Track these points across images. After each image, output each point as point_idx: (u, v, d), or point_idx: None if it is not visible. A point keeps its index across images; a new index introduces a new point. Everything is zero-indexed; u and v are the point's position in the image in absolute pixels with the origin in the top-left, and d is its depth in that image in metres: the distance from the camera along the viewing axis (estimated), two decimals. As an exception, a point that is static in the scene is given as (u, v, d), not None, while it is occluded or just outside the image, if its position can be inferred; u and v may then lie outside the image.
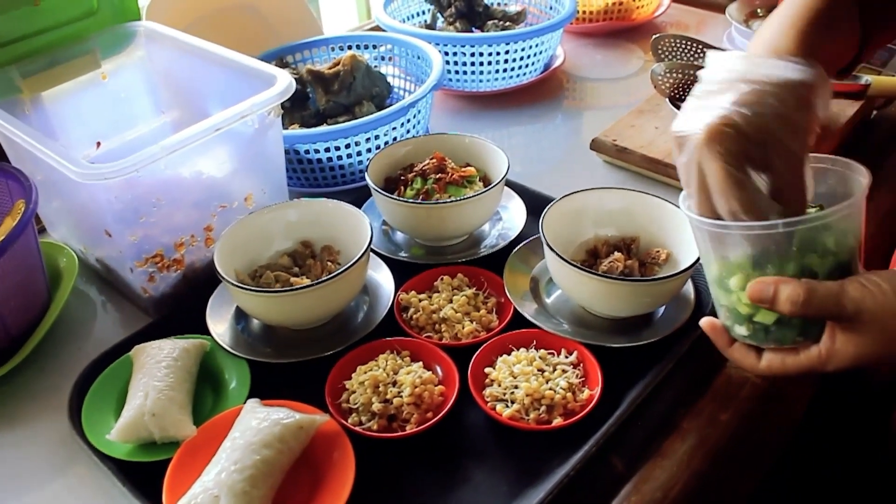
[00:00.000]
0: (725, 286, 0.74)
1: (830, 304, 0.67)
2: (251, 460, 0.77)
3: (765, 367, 0.74)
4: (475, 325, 0.95)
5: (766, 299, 0.69)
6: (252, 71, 1.05)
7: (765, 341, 0.74)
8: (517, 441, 0.85)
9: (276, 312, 0.94)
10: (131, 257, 0.96)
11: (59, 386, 0.95)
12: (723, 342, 0.77)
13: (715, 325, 0.78)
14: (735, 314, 0.75)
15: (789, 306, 0.68)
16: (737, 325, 0.75)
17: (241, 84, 1.07)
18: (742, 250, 0.71)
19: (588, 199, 1.01)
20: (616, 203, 1.01)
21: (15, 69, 1.08)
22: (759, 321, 0.73)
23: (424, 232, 1.08)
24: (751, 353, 0.75)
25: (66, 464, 0.88)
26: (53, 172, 0.92)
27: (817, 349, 0.70)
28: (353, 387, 0.88)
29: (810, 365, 0.71)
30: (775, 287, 0.69)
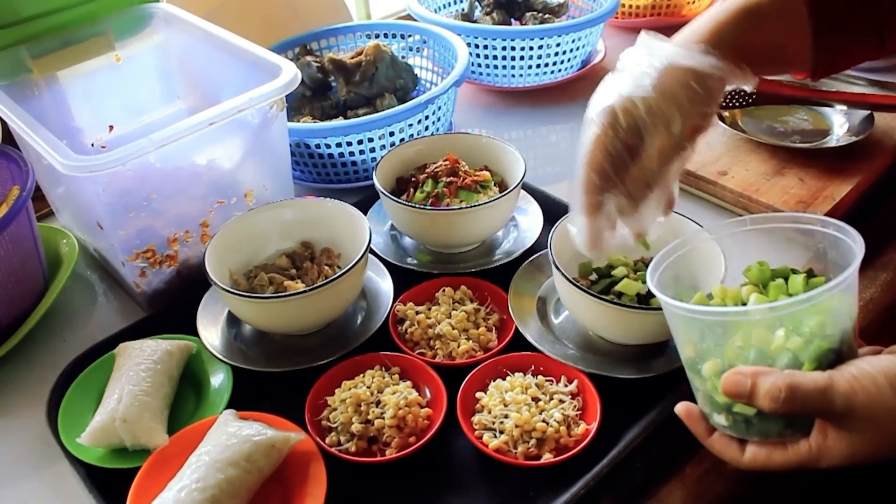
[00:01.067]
0: (699, 371, 0.67)
1: (817, 400, 0.60)
2: (215, 479, 0.73)
3: (749, 462, 0.66)
4: (472, 343, 0.89)
5: (742, 394, 0.62)
6: (261, 61, 1.00)
7: (747, 434, 0.66)
8: (503, 475, 0.79)
9: (266, 318, 0.90)
10: (122, 251, 0.93)
11: (46, 379, 0.93)
12: (701, 431, 0.69)
13: (691, 412, 0.70)
14: (712, 402, 0.67)
15: (769, 403, 0.60)
16: (715, 413, 0.68)
17: (254, 74, 1.02)
18: (714, 336, 0.65)
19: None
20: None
21: (24, 49, 1.06)
22: (740, 412, 0.65)
23: (432, 238, 1.02)
24: (733, 445, 0.67)
25: (42, 462, 0.85)
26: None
27: (807, 445, 0.62)
28: (334, 403, 0.83)
29: (799, 461, 0.63)
30: (753, 380, 0.61)
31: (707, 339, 0.66)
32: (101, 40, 1.11)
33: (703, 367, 0.66)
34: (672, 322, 0.69)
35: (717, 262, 0.81)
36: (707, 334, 0.66)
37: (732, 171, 1.10)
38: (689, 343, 0.67)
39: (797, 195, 1.06)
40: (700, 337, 0.66)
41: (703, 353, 0.66)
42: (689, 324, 0.67)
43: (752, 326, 0.63)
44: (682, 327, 0.68)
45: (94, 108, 1.15)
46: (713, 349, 0.65)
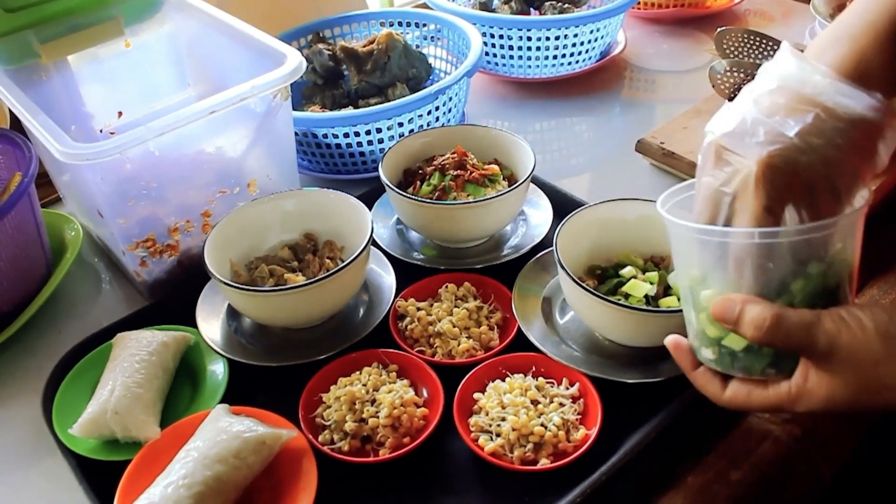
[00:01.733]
0: (696, 302, 0.66)
1: (800, 334, 0.58)
2: (202, 476, 0.72)
3: (728, 398, 0.65)
4: (472, 342, 0.87)
5: (729, 319, 0.61)
6: (268, 49, 0.99)
7: (731, 368, 0.65)
8: (499, 479, 0.77)
9: (265, 311, 0.88)
10: (122, 240, 0.92)
11: (45, 367, 0.92)
12: (687, 364, 0.69)
13: (680, 345, 0.69)
14: (702, 336, 0.67)
15: (752, 330, 0.59)
16: (703, 347, 0.67)
17: (262, 62, 1.00)
18: (718, 262, 0.63)
19: (614, 210, 0.91)
20: (647, 216, 0.90)
21: (32, 34, 1.05)
22: (727, 346, 0.64)
23: (437, 233, 1.00)
24: (715, 380, 0.67)
25: (35, 452, 0.85)
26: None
27: (787, 386, 0.61)
28: (329, 401, 0.82)
29: (778, 402, 0.62)
30: (742, 307, 0.60)
31: (710, 266, 0.64)
32: (110, 25, 1.10)
33: (702, 294, 0.65)
34: (677, 246, 0.68)
35: None
36: (712, 261, 0.64)
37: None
38: (692, 268, 0.66)
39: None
40: (700, 262, 0.65)
41: (703, 282, 0.65)
42: (696, 247, 0.65)
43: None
44: (688, 251, 0.67)
45: (104, 93, 1.14)
46: (717, 278, 0.64)
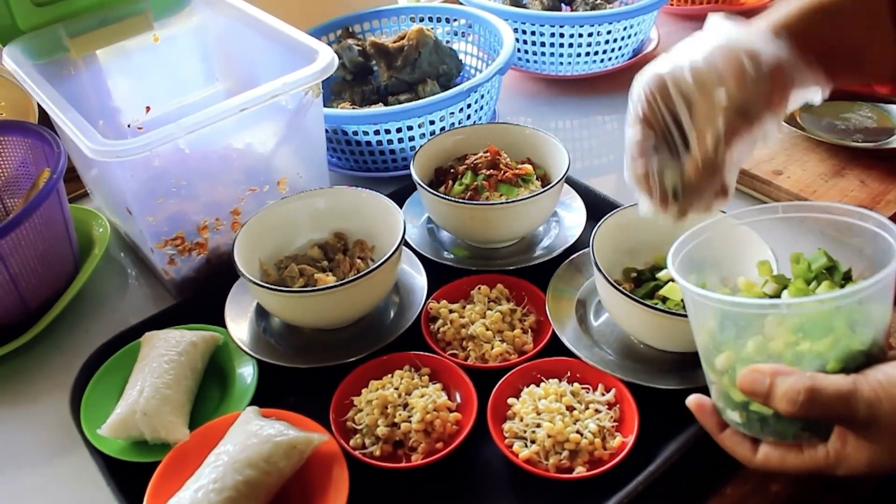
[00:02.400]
0: (713, 364, 0.63)
1: (838, 406, 0.55)
2: (232, 480, 0.71)
3: (761, 462, 0.62)
4: (506, 346, 0.85)
5: (759, 393, 0.58)
6: (299, 45, 0.97)
7: (761, 433, 0.62)
8: (533, 487, 0.76)
9: (295, 311, 0.87)
10: (151, 238, 0.91)
11: (72, 365, 0.91)
12: (713, 426, 0.65)
13: (704, 406, 0.66)
14: (727, 398, 0.63)
15: (786, 405, 0.56)
16: (729, 409, 0.63)
17: (291, 58, 0.99)
18: (732, 328, 0.60)
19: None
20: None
21: (62, 28, 1.04)
22: (755, 411, 0.61)
23: (469, 233, 0.98)
24: (745, 443, 0.63)
25: (63, 450, 0.84)
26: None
27: (825, 450, 0.58)
28: (360, 404, 0.80)
29: (815, 466, 0.58)
30: (771, 380, 0.57)
31: (726, 331, 0.61)
32: (139, 20, 1.09)
33: (716, 360, 0.62)
34: (690, 309, 0.65)
35: (746, 249, 0.77)
36: (727, 325, 0.61)
37: (788, 170, 1.04)
38: (706, 332, 0.63)
39: (857, 198, 0.99)
40: (719, 327, 0.62)
41: (719, 345, 0.62)
42: (707, 312, 0.63)
43: (776, 323, 0.59)
44: (700, 315, 0.64)
45: (132, 88, 1.13)
46: (731, 342, 0.61)
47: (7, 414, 0.88)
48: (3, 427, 0.87)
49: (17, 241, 0.88)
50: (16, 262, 0.88)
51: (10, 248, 0.87)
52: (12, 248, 0.87)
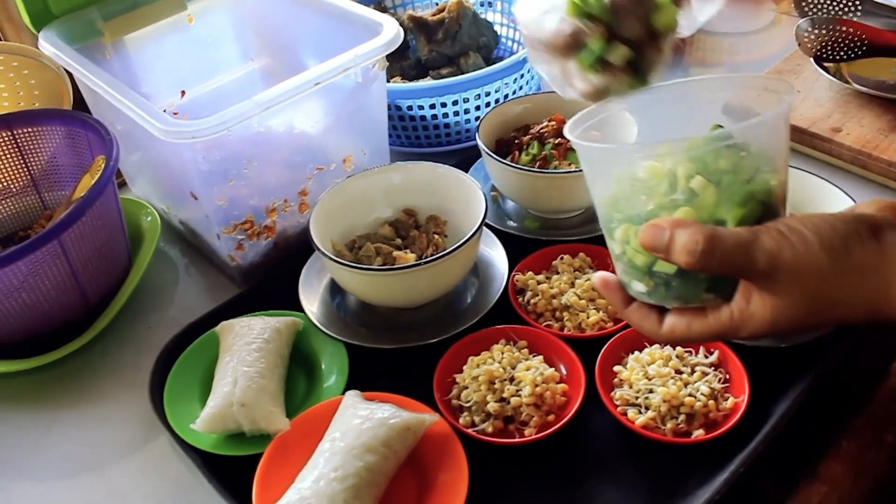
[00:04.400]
0: (614, 234, 0.61)
1: (738, 255, 0.53)
2: (353, 467, 0.68)
3: (667, 332, 0.60)
4: (601, 314, 0.83)
5: (658, 246, 0.55)
6: (352, 17, 0.94)
7: (667, 299, 0.59)
8: (649, 453, 0.74)
9: (378, 291, 0.84)
10: (218, 223, 0.87)
11: (138, 360, 0.88)
12: (619, 301, 0.63)
13: (608, 282, 0.63)
14: (631, 267, 0.60)
15: (685, 256, 0.53)
16: (634, 280, 0.61)
17: (338, 31, 0.96)
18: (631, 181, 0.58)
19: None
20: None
21: (96, 10, 0.99)
22: (660, 271, 0.58)
23: (542, 203, 0.96)
24: (651, 315, 0.61)
25: (147, 448, 0.80)
26: (134, 124, 0.83)
27: (728, 310, 0.56)
28: (464, 381, 0.78)
29: (720, 329, 0.57)
30: (671, 232, 0.54)
31: (621, 198, 0.59)
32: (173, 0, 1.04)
33: (617, 232, 0.60)
34: (587, 173, 0.63)
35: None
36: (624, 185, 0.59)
37: (846, 127, 1.04)
38: (605, 199, 0.61)
39: (919, 149, 0.99)
40: (615, 192, 0.60)
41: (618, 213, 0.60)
42: (603, 173, 0.61)
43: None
44: (597, 178, 0.62)
45: (165, 72, 1.08)
46: (628, 210, 0.59)
47: (82, 414, 0.84)
48: (81, 427, 0.83)
49: (80, 233, 0.83)
50: (77, 255, 0.84)
51: (72, 241, 0.83)
52: (74, 240, 0.83)
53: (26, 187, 1.01)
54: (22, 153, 0.98)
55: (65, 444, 0.81)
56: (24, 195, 1.01)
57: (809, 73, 1.13)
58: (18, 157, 0.99)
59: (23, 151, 0.98)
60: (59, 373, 0.87)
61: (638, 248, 0.58)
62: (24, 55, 0.98)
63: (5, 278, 0.79)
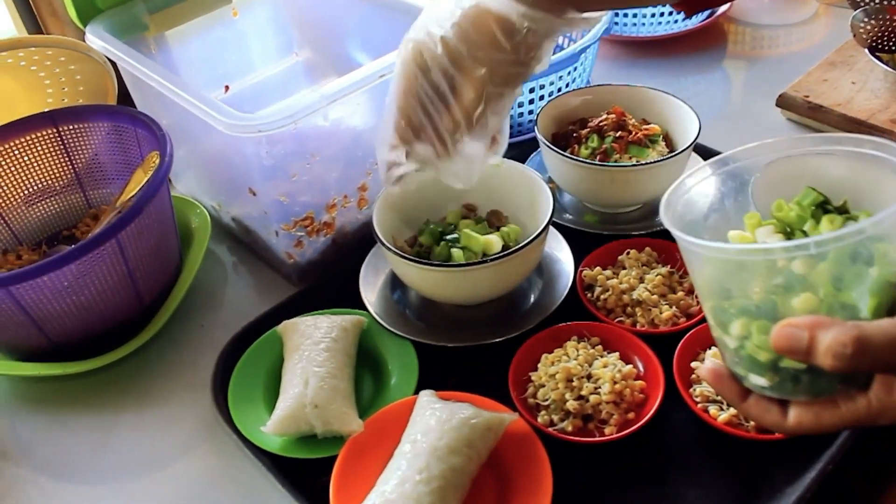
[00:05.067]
0: (730, 329, 0.55)
1: (890, 353, 0.48)
2: (438, 469, 0.66)
3: (793, 426, 0.55)
4: (674, 309, 0.81)
5: (797, 350, 0.50)
6: (402, 6, 0.91)
7: (793, 394, 0.54)
8: (732, 451, 0.72)
9: (444, 287, 0.82)
10: (278, 219, 0.85)
11: (196, 360, 0.86)
12: (734, 395, 0.57)
13: (720, 375, 0.58)
14: (750, 362, 0.55)
15: (831, 360, 0.48)
16: (752, 374, 0.55)
17: (386, 21, 0.94)
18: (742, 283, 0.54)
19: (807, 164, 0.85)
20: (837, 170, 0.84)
21: (142, 3, 0.97)
22: (788, 369, 0.53)
23: (603, 197, 0.94)
24: (773, 409, 0.56)
25: (212, 451, 0.78)
26: (185, 118, 0.80)
27: (865, 400, 0.51)
28: (540, 380, 0.76)
29: (855, 420, 0.52)
30: (811, 334, 0.49)
31: (734, 290, 0.54)
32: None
33: (733, 326, 0.54)
34: (694, 267, 0.57)
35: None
36: (734, 282, 0.54)
37: (906, 118, 1.02)
38: (716, 293, 0.56)
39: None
40: (726, 287, 0.55)
41: (731, 307, 0.54)
42: (715, 269, 0.56)
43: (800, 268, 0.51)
44: (707, 273, 0.56)
45: (208, 66, 1.07)
46: (743, 302, 0.54)
47: (143, 415, 0.82)
48: (143, 428, 0.81)
49: (137, 232, 0.81)
50: (134, 254, 0.82)
51: (129, 240, 0.80)
52: (132, 238, 0.81)
53: (71, 185, 0.99)
54: (67, 150, 0.96)
55: (127, 446, 0.79)
56: (68, 193, 0.99)
57: (863, 65, 1.11)
58: (63, 155, 0.96)
59: (68, 148, 0.96)
60: (115, 374, 0.85)
61: (761, 344, 0.53)
62: (73, 49, 0.95)
63: (63, 278, 0.77)
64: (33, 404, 0.84)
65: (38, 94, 0.99)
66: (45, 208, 0.98)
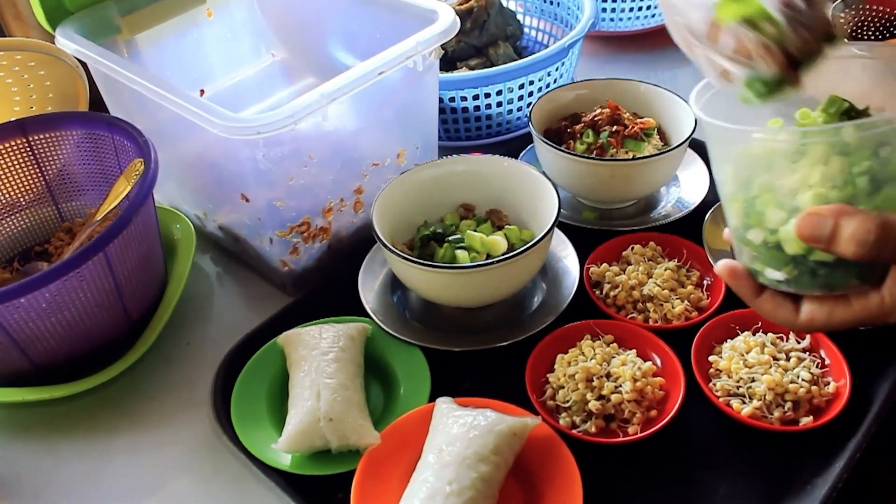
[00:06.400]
0: (757, 219, 0.56)
1: None
2: (469, 479, 0.63)
3: (805, 322, 0.56)
4: (685, 303, 0.80)
5: (820, 237, 0.51)
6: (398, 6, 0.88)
7: (809, 287, 0.55)
8: (757, 444, 0.71)
9: (449, 290, 0.79)
10: (273, 226, 0.81)
11: (190, 377, 0.82)
12: (749, 291, 0.59)
13: (736, 271, 0.59)
14: (770, 255, 0.56)
15: (854, 247, 0.50)
16: (770, 268, 0.56)
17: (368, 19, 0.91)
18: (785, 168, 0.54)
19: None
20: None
21: (113, 5, 0.92)
22: (811, 260, 0.54)
23: (602, 193, 0.92)
24: (786, 304, 0.57)
25: (214, 470, 0.74)
26: (166, 122, 0.76)
27: (878, 297, 0.53)
28: (558, 381, 0.74)
29: (866, 316, 0.53)
30: (835, 220, 0.50)
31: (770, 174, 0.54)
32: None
33: (767, 214, 0.55)
34: (717, 156, 0.58)
35: None
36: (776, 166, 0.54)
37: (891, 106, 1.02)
38: (742, 188, 0.56)
39: None
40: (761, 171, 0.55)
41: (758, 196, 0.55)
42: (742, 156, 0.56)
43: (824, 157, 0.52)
44: (731, 163, 0.57)
45: (182, 70, 1.02)
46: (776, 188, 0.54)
47: (140, 438, 0.77)
48: (141, 451, 0.76)
49: (125, 244, 0.76)
50: (121, 267, 0.77)
51: (116, 253, 0.76)
52: (119, 251, 0.76)
53: (42, 198, 0.93)
54: (38, 160, 0.91)
55: (124, 472, 0.74)
56: (39, 206, 0.93)
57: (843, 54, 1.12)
58: (34, 166, 0.91)
59: (39, 159, 0.91)
60: (106, 396, 0.81)
61: (789, 236, 0.54)
62: (44, 52, 0.90)
63: (48, 296, 0.72)
64: (19, 432, 0.79)
65: (4, 101, 0.93)
66: (14, 223, 0.93)
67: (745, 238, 0.58)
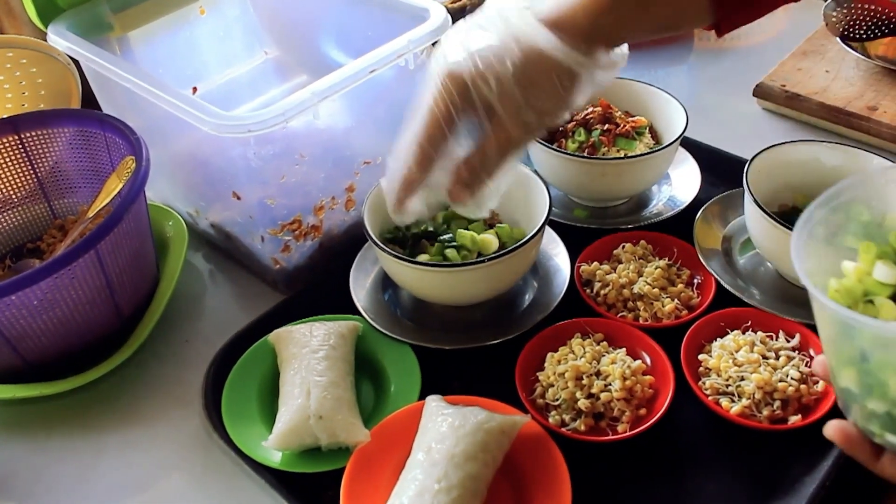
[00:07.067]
0: (880, 390, 0.51)
1: None
2: (457, 477, 0.64)
3: None
4: (675, 302, 0.80)
5: None
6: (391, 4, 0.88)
7: None
8: (746, 442, 0.72)
9: (440, 288, 0.79)
10: (264, 224, 0.81)
11: (181, 375, 0.82)
12: (867, 455, 0.55)
13: (850, 435, 0.55)
14: (888, 421, 0.52)
15: None
16: (889, 433, 0.52)
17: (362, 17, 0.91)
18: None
19: (799, 151, 0.85)
20: (832, 160, 0.85)
21: (106, 3, 0.92)
22: None
23: (593, 191, 0.92)
24: None
25: (205, 467, 0.74)
26: (158, 119, 0.76)
27: None
28: (548, 379, 0.74)
29: None
30: None
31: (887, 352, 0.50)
32: (185, -10, 0.98)
33: (892, 385, 0.50)
34: (836, 337, 0.53)
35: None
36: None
37: (882, 105, 1.03)
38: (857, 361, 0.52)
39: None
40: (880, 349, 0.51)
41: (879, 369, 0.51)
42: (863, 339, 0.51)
43: None
44: (844, 336, 0.52)
45: (174, 68, 1.02)
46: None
47: (131, 435, 0.77)
48: (132, 448, 0.76)
49: (117, 241, 0.77)
50: (113, 265, 0.77)
51: (108, 250, 0.76)
52: (111, 248, 0.76)
53: (34, 195, 0.93)
54: (30, 158, 0.91)
55: (115, 469, 0.74)
56: (31, 203, 0.93)
57: (834, 54, 1.12)
58: (26, 163, 0.91)
59: (31, 156, 0.91)
60: (97, 393, 0.80)
61: None
62: (36, 49, 0.90)
63: (40, 293, 0.72)
64: (10, 429, 0.79)
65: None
66: (6, 220, 0.93)
67: (863, 405, 0.53)
